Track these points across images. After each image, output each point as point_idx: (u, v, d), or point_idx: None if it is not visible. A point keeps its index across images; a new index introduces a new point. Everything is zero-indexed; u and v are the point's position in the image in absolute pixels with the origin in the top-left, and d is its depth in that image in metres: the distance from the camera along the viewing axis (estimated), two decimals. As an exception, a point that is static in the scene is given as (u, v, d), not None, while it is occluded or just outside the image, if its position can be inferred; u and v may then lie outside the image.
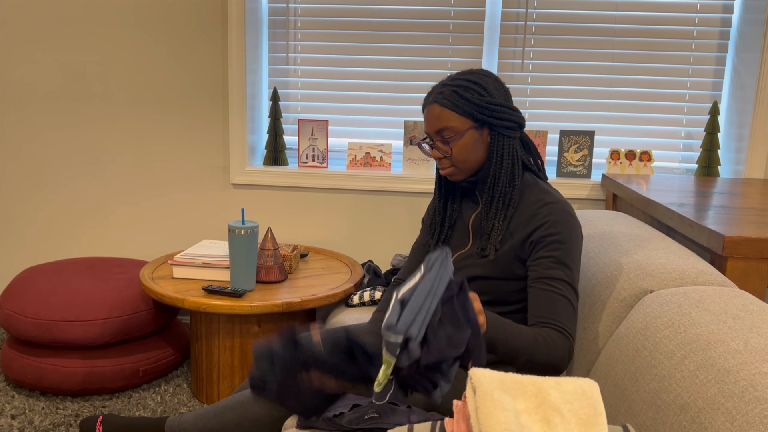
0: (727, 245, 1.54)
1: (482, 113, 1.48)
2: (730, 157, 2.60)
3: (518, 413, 0.90)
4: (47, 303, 2.28)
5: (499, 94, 1.50)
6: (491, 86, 1.49)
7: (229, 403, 1.63)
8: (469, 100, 1.47)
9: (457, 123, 1.48)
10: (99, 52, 2.73)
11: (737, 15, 2.55)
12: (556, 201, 1.49)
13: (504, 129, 1.50)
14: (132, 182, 2.83)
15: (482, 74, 1.51)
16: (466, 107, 1.47)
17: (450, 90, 1.48)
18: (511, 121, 1.50)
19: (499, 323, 1.33)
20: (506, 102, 1.50)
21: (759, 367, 0.97)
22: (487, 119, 1.48)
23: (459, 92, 1.47)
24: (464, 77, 1.50)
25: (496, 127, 1.49)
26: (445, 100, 1.48)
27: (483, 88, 1.48)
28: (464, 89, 1.47)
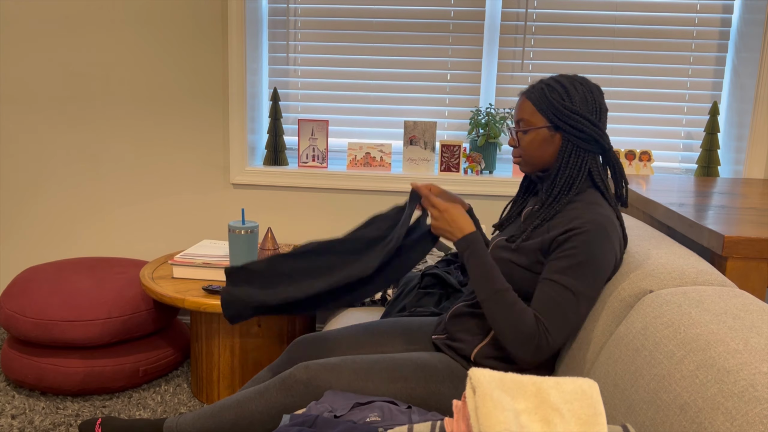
0: (726, 245, 1.54)
1: (557, 116, 1.50)
2: (729, 157, 2.60)
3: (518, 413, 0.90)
4: (47, 303, 2.28)
5: (583, 105, 1.50)
6: (578, 95, 1.51)
7: (227, 403, 1.63)
8: (549, 99, 1.51)
9: (533, 118, 1.53)
10: (99, 52, 2.73)
11: (737, 15, 2.55)
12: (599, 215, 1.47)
13: (575, 138, 1.51)
14: (132, 182, 2.83)
15: (577, 81, 1.53)
16: (544, 106, 1.52)
17: (540, 86, 1.54)
18: (585, 133, 1.50)
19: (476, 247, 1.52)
20: (589, 115, 1.50)
21: (759, 367, 0.97)
22: (560, 123, 1.51)
23: (545, 90, 1.52)
24: (559, 79, 1.54)
25: (567, 133, 1.51)
26: (531, 94, 1.54)
27: (567, 93, 1.51)
28: (551, 89, 1.52)
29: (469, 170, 2.68)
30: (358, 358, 1.61)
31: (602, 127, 1.52)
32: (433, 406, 1.53)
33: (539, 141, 1.53)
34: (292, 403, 1.56)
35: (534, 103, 1.53)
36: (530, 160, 1.57)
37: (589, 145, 1.52)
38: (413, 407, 1.46)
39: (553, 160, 1.55)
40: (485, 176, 2.66)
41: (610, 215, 1.49)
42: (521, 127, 1.56)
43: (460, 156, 2.66)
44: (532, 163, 1.58)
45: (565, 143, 1.52)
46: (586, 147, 1.52)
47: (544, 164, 1.56)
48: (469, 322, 1.62)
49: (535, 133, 1.53)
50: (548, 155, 1.55)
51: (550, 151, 1.54)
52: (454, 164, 2.67)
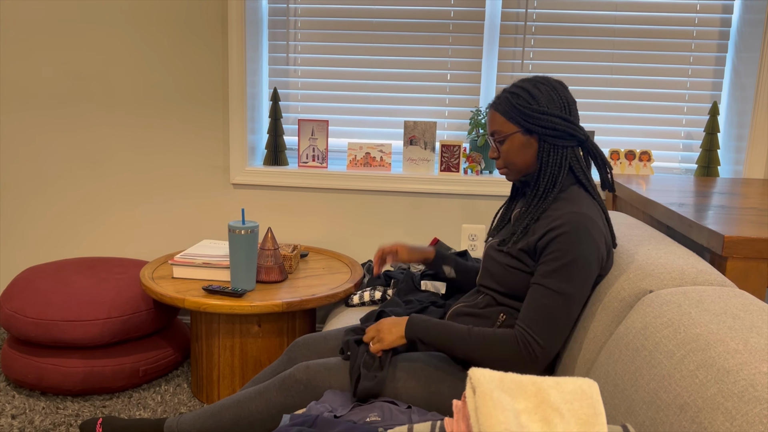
0: (726, 245, 1.54)
1: (527, 120, 1.53)
2: (729, 157, 2.60)
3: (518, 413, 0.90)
4: (47, 303, 2.28)
5: (550, 104, 1.52)
6: (542, 95, 1.52)
7: (226, 403, 1.63)
8: (515, 106, 1.53)
9: (504, 127, 1.56)
10: (99, 53, 2.73)
11: (737, 15, 2.55)
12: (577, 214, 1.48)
13: (551, 138, 1.53)
14: (132, 182, 2.83)
15: (539, 82, 1.55)
16: (512, 113, 1.54)
17: (505, 95, 1.56)
18: (558, 130, 1.52)
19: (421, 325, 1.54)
20: (558, 112, 1.52)
21: (759, 367, 0.97)
22: (531, 126, 1.53)
23: (509, 98, 1.55)
24: (520, 84, 1.56)
25: (542, 134, 1.53)
26: (498, 105, 1.57)
27: (532, 96, 1.52)
28: (515, 96, 1.54)
29: (469, 170, 2.68)
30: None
31: (574, 120, 1.54)
32: (433, 406, 1.54)
33: (517, 147, 1.56)
34: (292, 403, 1.56)
35: (502, 113, 1.56)
36: (513, 167, 1.60)
37: (565, 141, 1.54)
38: (413, 407, 1.46)
39: (534, 162, 1.57)
40: (485, 176, 2.66)
41: (590, 212, 1.50)
42: (496, 138, 1.58)
43: (460, 156, 2.67)
44: (516, 170, 1.60)
45: (542, 144, 1.55)
46: (562, 143, 1.54)
47: (527, 168, 1.59)
48: (469, 322, 1.62)
49: (510, 140, 1.56)
50: (529, 159, 1.57)
51: (530, 154, 1.56)
52: (454, 164, 2.67)
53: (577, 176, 1.57)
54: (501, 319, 1.58)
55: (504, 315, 1.58)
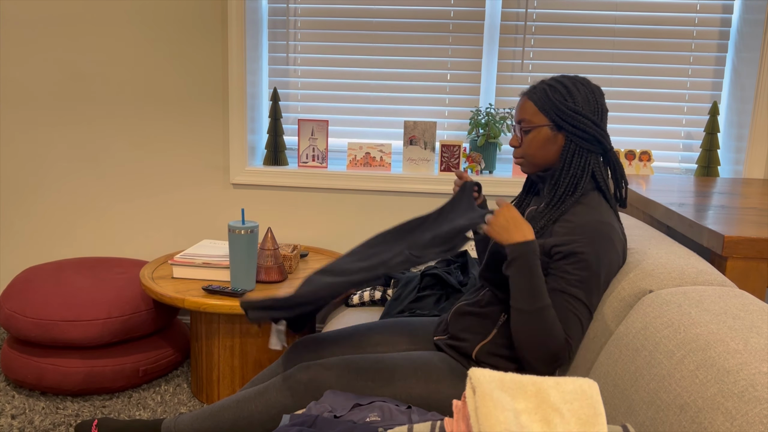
0: (726, 245, 1.54)
1: (559, 116, 1.51)
2: (729, 157, 2.60)
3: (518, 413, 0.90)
4: (47, 303, 2.28)
5: (586, 106, 1.51)
6: (580, 95, 1.51)
7: (226, 403, 1.63)
8: (551, 99, 1.51)
9: (535, 117, 1.53)
10: (99, 52, 2.73)
11: (737, 15, 2.55)
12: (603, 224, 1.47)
13: (578, 138, 1.52)
14: (132, 182, 2.83)
15: (579, 82, 1.53)
16: (546, 105, 1.52)
17: (542, 86, 1.54)
18: (587, 134, 1.51)
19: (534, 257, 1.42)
20: (591, 115, 1.51)
21: (759, 367, 0.97)
22: (562, 123, 1.51)
23: (547, 91, 1.53)
24: (560, 79, 1.54)
25: (570, 133, 1.52)
26: (533, 94, 1.54)
27: (570, 93, 1.51)
28: (553, 89, 1.52)
29: (469, 170, 2.68)
30: (358, 358, 1.61)
31: (604, 127, 1.53)
32: (433, 406, 1.53)
33: (541, 140, 1.54)
34: (292, 403, 1.56)
35: (536, 103, 1.53)
36: (532, 159, 1.57)
37: (591, 145, 1.52)
38: (413, 407, 1.46)
39: (555, 160, 1.55)
40: (485, 176, 2.66)
41: (612, 220, 1.50)
42: (523, 127, 1.56)
43: (460, 156, 2.66)
44: (534, 163, 1.58)
45: (567, 143, 1.52)
46: (588, 147, 1.52)
47: (546, 164, 1.57)
48: (471, 321, 1.62)
49: (537, 132, 1.54)
50: (550, 155, 1.55)
51: (552, 150, 1.54)
52: (454, 164, 2.67)
53: (598, 183, 1.55)
54: (502, 319, 1.58)
55: (505, 315, 1.58)
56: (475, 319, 1.61)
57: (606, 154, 1.56)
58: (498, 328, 1.57)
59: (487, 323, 1.59)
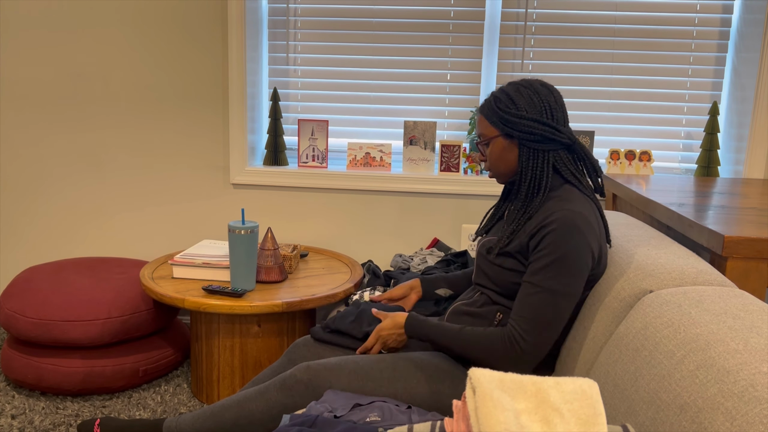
0: (726, 245, 1.54)
1: (506, 125, 1.54)
2: (729, 157, 2.60)
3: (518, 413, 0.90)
4: (47, 303, 2.28)
5: (530, 108, 1.53)
6: (523, 99, 1.53)
7: (227, 403, 1.63)
8: (495, 111, 1.55)
9: (487, 130, 1.59)
10: (99, 53, 2.73)
11: (737, 15, 2.55)
12: (567, 211, 1.48)
13: (529, 142, 1.54)
14: (132, 182, 2.83)
15: (521, 86, 1.55)
16: (493, 117, 1.56)
17: (489, 99, 1.59)
18: (536, 134, 1.52)
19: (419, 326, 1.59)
20: (537, 116, 1.52)
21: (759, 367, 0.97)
22: (510, 131, 1.54)
23: (493, 103, 1.57)
24: (504, 88, 1.57)
25: (521, 139, 1.54)
26: (483, 109, 1.60)
27: (512, 100, 1.54)
28: (497, 100, 1.56)
29: (469, 170, 2.68)
30: (358, 358, 1.61)
31: (555, 124, 1.53)
32: (433, 406, 1.54)
33: (499, 151, 1.58)
34: (292, 403, 1.56)
35: (486, 117, 1.58)
36: (497, 170, 1.62)
37: (544, 144, 1.54)
38: (413, 407, 1.46)
39: (517, 166, 1.58)
40: (485, 176, 2.66)
41: (582, 209, 1.50)
42: (481, 141, 1.61)
43: (460, 156, 2.66)
44: (501, 173, 1.62)
45: (521, 148, 1.56)
46: (543, 147, 1.54)
47: (510, 171, 1.60)
48: (467, 321, 1.63)
49: (493, 144, 1.58)
50: (511, 162, 1.58)
51: (512, 158, 1.58)
52: (454, 164, 2.67)
53: (565, 177, 1.57)
54: (498, 318, 1.58)
55: (501, 314, 1.59)
56: (472, 320, 1.62)
57: (571, 147, 1.57)
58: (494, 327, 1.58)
59: (484, 323, 1.60)
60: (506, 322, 1.57)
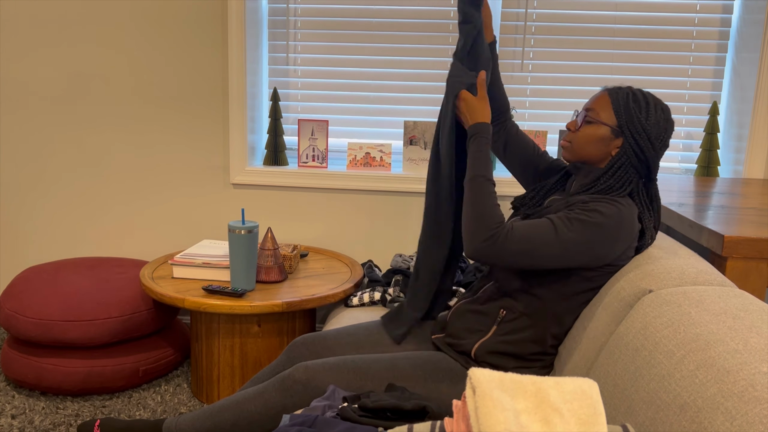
0: (726, 245, 1.54)
1: (626, 123, 1.51)
2: (729, 157, 2.60)
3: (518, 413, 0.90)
4: (47, 303, 2.28)
5: (655, 128, 1.50)
6: (654, 116, 1.51)
7: (226, 403, 1.63)
8: (628, 104, 1.51)
9: (603, 112, 1.53)
10: (99, 53, 2.73)
11: (737, 15, 2.55)
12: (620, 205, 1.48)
13: (632, 153, 1.51)
14: (132, 182, 2.83)
15: (660, 106, 1.53)
16: (621, 108, 1.52)
17: (627, 91, 1.54)
18: (643, 154, 1.51)
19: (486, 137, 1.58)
20: (655, 140, 1.51)
21: (759, 367, 0.97)
22: (626, 131, 1.51)
23: (629, 97, 1.52)
24: (645, 94, 1.54)
25: (627, 144, 1.51)
26: (614, 93, 1.54)
27: (647, 109, 1.51)
28: (634, 98, 1.52)
29: (469, 170, 2.67)
30: (357, 357, 1.61)
31: (659, 156, 1.53)
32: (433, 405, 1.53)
33: (597, 137, 1.54)
34: (291, 403, 1.56)
35: (613, 102, 1.53)
36: (578, 150, 1.57)
37: (640, 165, 1.52)
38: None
39: (598, 160, 1.56)
40: (485, 176, 2.66)
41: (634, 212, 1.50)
42: (588, 116, 1.55)
43: (460, 156, 2.66)
44: (578, 153, 1.57)
45: (620, 153, 1.52)
46: (636, 166, 1.52)
47: (588, 159, 1.57)
48: (470, 320, 1.63)
49: (598, 127, 1.54)
50: (597, 154, 1.55)
51: (601, 151, 1.54)
52: (454, 164, 2.67)
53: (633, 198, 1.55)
54: (501, 314, 1.58)
55: (504, 311, 1.58)
56: (474, 317, 1.62)
57: (649, 182, 1.55)
58: (497, 324, 1.58)
59: (487, 320, 1.60)
60: (509, 318, 1.57)
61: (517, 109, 2.68)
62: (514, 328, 1.57)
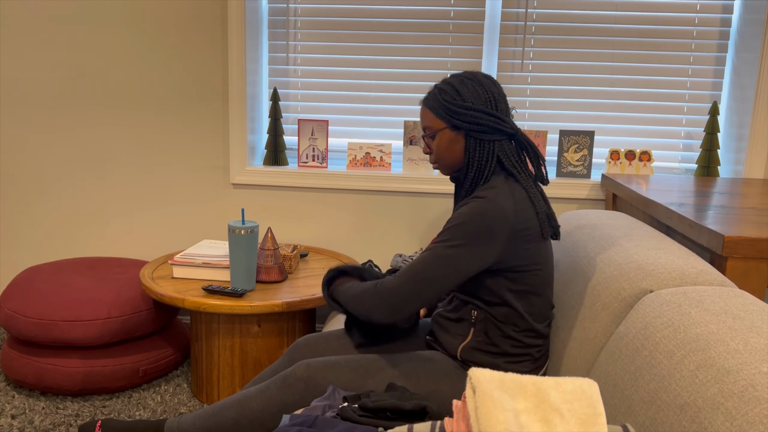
0: (726, 245, 1.54)
1: (453, 116, 1.55)
2: (729, 157, 2.60)
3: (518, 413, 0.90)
4: (47, 303, 2.28)
5: (476, 99, 1.54)
6: (468, 91, 1.54)
7: (227, 402, 1.63)
8: (442, 103, 1.56)
9: (434, 123, 1.59)
10: (99, 52, 2.73)
11: (737, 15, 2.55)
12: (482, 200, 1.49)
13: (476, 132, 1.55)
14: (132, 182, 2.83)
15: (466, 78, 1.56)
16: (440, 110, 1.56)
17: (434, 92, 1.59)
18: (482, 125, 1.53)
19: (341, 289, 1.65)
20: (483, 107, 1.53)
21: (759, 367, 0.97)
22: (458, 122, 1.55)
23: (438, 95, 1.57)
24: (449, 80, 1.58)
25: (468, 130, 1.55)
26: (428, 101, 1.60)
27: (458, 92, 1.54)
28: (442, 92, 1.57)
29: (469, 170, 2.68)
30: (359, 356, 1.61)
31: (500, 115, 1.54)
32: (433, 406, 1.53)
33: (446, 143, 1.58)
34: (292, 402, 1.56)
35: (431, 109, 1.58)
36: (443, 162, 1.61)
37: (491, 135, 1.55)
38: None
39: (463, 157, 1.59)
40: (485, 176, 2.66)
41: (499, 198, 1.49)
42: (427, 134, 1.61)
43: (460, 156, 2.66)
44: (447, 165, 1.62)
45: (468, 139, 1.56)
46: (489, 138, 1.55)
47: (456, 163, 1.60)
48: (448, 325, 1.64)
49: (440, 136, 1.58)
50: (458, 154, 1.58)
51: (458, 149, 1.58)
52: (454, 164, 2.67)
53: (506, 168, 1.56)
54: (473, 315, 1.58)
55: (475, 311, 1.58)
56: (452, 323, 1.63)
57: (514, 137, 1.58)
58: (474, 325, 1.58)
59: (464, 324, 1.60)
60: (482, 317, 1.57)
61: (517, 109, 2.68)
62: (487, 328, 1.57)
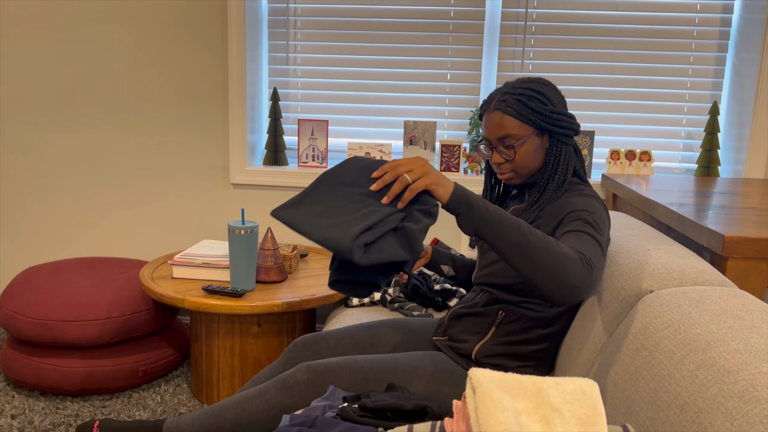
0: (727, 245, 1.54)
1: (545, 122, 1.53)
2: (729, 157, 2.60)
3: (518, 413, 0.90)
4: (47, 303, 2.28)
5: (559, 103, 1.56)
6: (552, 95, 1.55)
7: (227, 403, 1.63)
8: (532, 108, 1.52)
9: (520, 131, 1.53)
10: (99, 52, 2.73)
11: (737, 15, 2.55)
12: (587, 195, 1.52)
13: (563, 137, 1.55)
14: (132, 182, 2.83)
15: (542, 83, 1.56)
16: (530, 116, 1.52)
17: (513, 98, 1.53)
18: (569, 129, 1.55)
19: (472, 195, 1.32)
20: (564, 110, 1.56)
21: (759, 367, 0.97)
22: (548, 127, 1.53)
23: (522, 101, 1.52)
24: (526, 86, 1.54)
25: (556, 134, 1.55)
26: (508, 108, 1.53)
27: (546, 97, 1.53)
28: (528, 98, 1.52)
29: (469, 170, 2.68)
30: (358, 358, 1.61)
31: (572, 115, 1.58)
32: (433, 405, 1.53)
33: (532, 150, 1.55)
34: (292, 403, 1.56)
35: (515, 116, 1.52)
36: (524, 171, 1.57)
37: (570, 138, 1.57)
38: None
39: (541, 163, 1.58)
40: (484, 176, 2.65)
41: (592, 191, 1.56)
42: (508, 143, 1.53)
43: (460, 156, 2.66)
44: (525, 174, 1.58)
45: (552, 144, 1.56)
46: (568, 141, 1.57)
47: (535, 170, 1.59)
48: (468, 322, 1.63)
49: (528, 143, 1.54)
50: (539, 161, 1.58)
51: (540, 156, 1.57)
52: (454, 164, 2.67)
53: (575, 170, 1.60)
54: (500, 316, 1.58)
55: (503, 312, 1.58)
56: (473, 320, 1.62)
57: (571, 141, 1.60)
58: (497, 326, 1.58)
59: (486, 321, 1.60)
60: (509, 320, 1.57)
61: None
62: (514, 329, 1.57)
